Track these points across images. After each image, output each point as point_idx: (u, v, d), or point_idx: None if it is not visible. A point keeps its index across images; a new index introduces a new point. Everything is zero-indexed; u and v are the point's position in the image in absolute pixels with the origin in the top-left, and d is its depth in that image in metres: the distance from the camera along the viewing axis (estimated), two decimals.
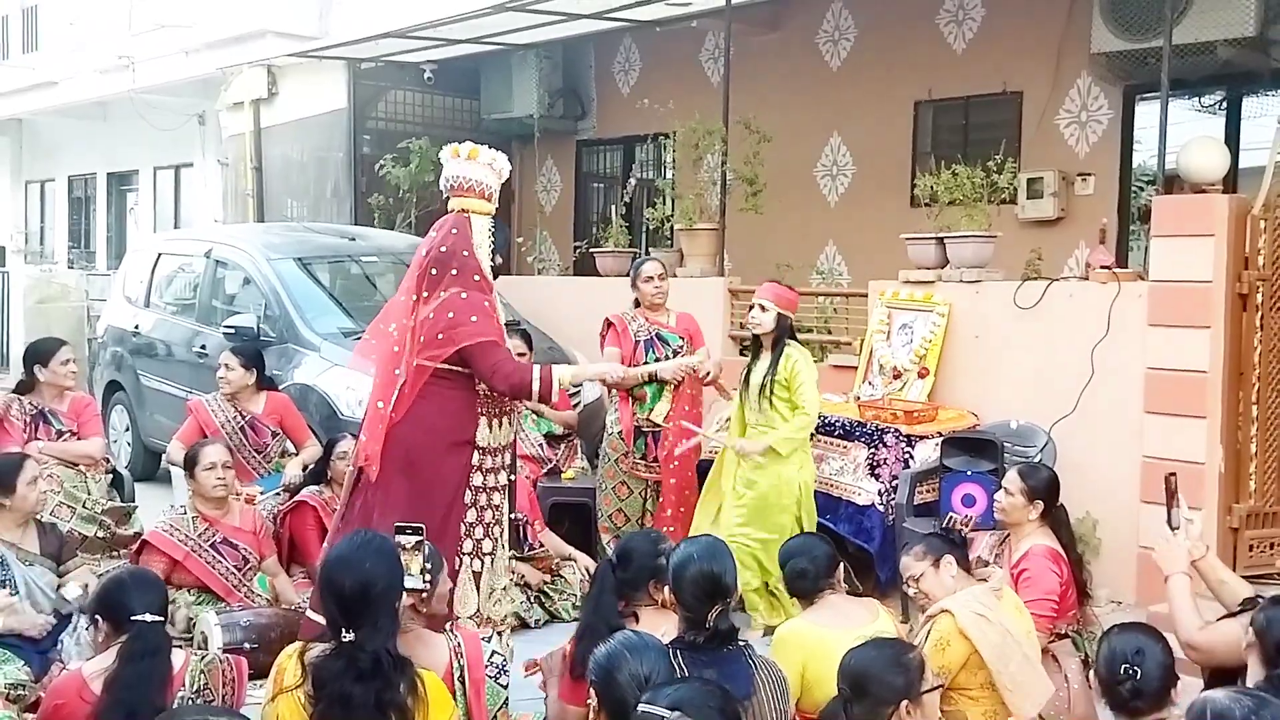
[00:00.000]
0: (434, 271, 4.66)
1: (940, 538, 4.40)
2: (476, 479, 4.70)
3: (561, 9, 9.92)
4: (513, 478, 4.96)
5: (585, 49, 12.57)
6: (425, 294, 4.65)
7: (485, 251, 4.80)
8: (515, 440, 5.01)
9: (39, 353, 6.36)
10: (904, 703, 3.19)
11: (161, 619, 3.65)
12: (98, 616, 3.68)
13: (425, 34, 10.87)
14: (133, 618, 3.55)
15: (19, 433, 6.10)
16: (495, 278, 4.97)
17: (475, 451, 4.68)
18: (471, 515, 4.68)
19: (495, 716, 3.75)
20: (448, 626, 4.13)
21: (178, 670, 3.62)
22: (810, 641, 4.00)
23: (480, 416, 4.69)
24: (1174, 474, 4.27)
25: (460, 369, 4.61)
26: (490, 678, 3.73)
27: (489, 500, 4.75)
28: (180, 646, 4.08)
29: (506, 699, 3.87)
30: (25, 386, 6.31)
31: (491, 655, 3.75)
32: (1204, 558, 4.13)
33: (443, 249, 4.70)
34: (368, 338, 4.88)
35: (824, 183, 10.85)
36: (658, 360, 6.34)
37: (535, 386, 4.66)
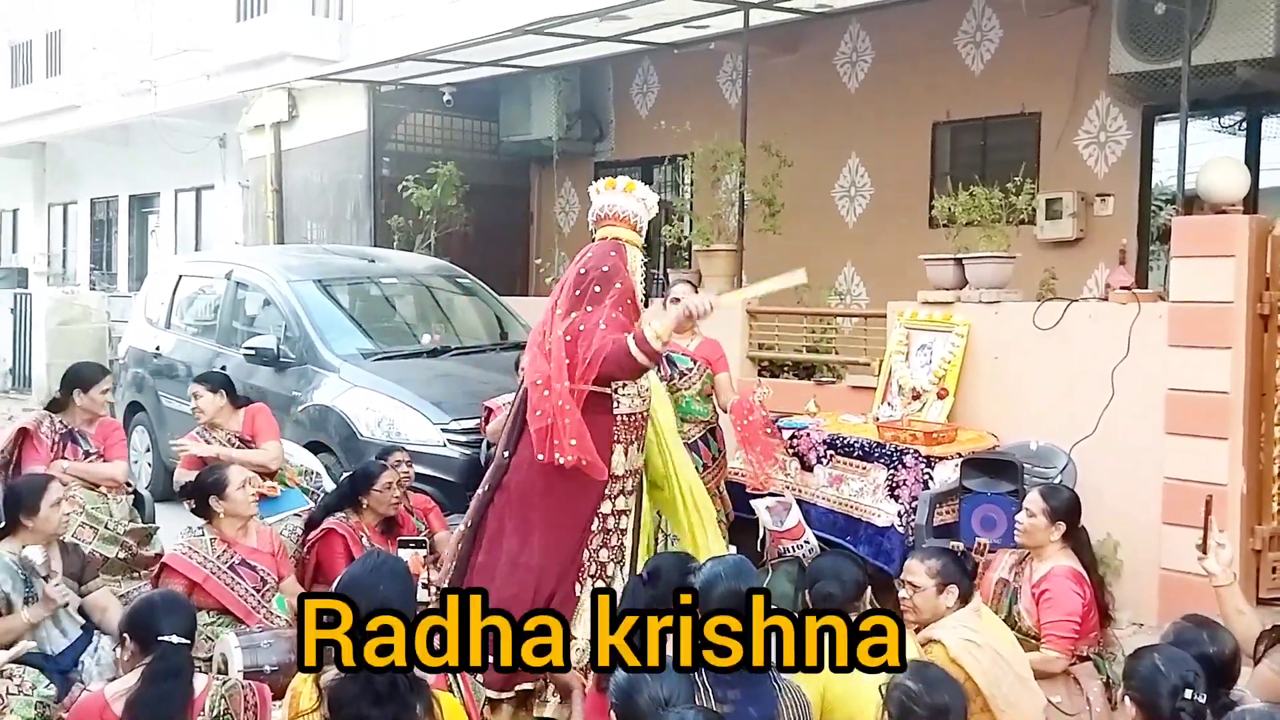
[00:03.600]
0: (597, 289, 4.70)
1: (958, 564, 4.37)
2: (606, 506, 4.77)
3: (580, 32, 9.97)
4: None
5: (603, 71, 12.63)
6: (575, 310, 4.71)
7: (639, 280, 4.88)
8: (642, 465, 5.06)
9: (82, 378, 6.36)
10: None
11: (188, 642, 3.67)
12: (125, 635, 3.69)
13: (444, 57, 10.95)
14: (159, 639, 3.57)
15: (47, 450, 6.11)
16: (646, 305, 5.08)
17: (610, 479, 4.76)
18: (597, 541, 4.75)
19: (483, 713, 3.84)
20: None
21: (199, 694, 3.63)
22: None
23: (617, 444, 4.77)
24: (1211, 496, 4.27)
25: (602, 390, 4.68)
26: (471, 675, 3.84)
27: (617, 524, 4.84)
28: (202, 670, 4.10)
29: (487, 698, 4.03)
30: (58, 405, 6.31)
31: None
32: (1229, 586, 4.10)
33: (604, 269, 4.76)
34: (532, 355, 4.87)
35: (842, 204, 10.85)
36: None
37: (634, 349, 4.58)
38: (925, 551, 4.52)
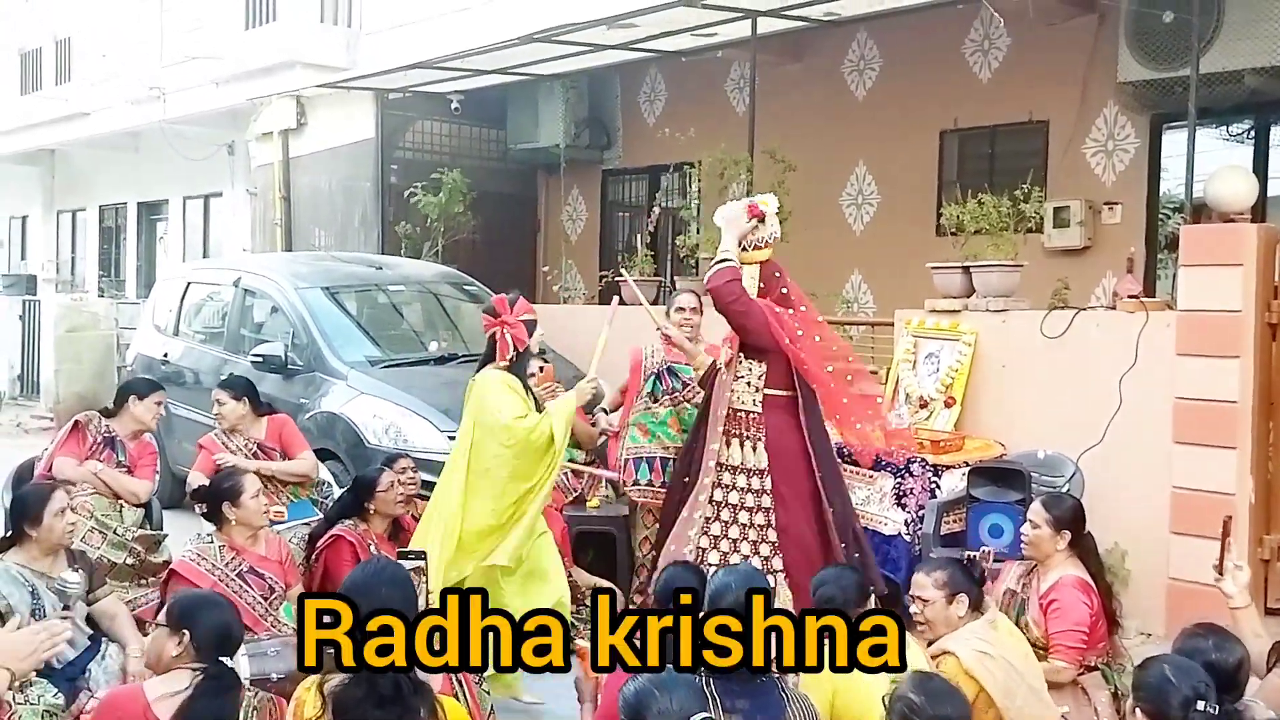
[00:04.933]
0: (804, 309, 5.60)
1: (965, 572, 4.36)
2: None
3: (588, 40, 9.99)
4: None
5: (611, 79, 12.64)
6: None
7: None
8: None
9: (137, 388, 6.55)
10: None
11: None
12: (185, 631, 3.67)
13: (452, 65, 10.98)
14: (220, 658, 3.61)
15: (86, 447, 6.22)
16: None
17: None
18: None
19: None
20: None
21: None
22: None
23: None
24: (1230, 517, 4.25)
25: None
26: (474, 683, 3.85)
27: None
28: None
29: (492, 705, 4.07)
30: (110, 413, 6.44)
31: None
32: (1245, 608, 4.09)
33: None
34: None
35: (849, 212, 10.85)
36: (665, 393, 6.44)
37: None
38: (931, 563, 4.51)
